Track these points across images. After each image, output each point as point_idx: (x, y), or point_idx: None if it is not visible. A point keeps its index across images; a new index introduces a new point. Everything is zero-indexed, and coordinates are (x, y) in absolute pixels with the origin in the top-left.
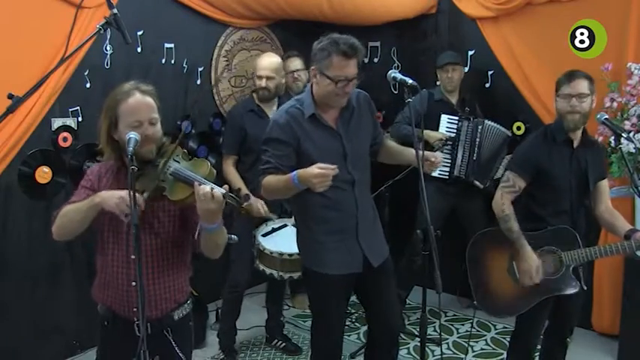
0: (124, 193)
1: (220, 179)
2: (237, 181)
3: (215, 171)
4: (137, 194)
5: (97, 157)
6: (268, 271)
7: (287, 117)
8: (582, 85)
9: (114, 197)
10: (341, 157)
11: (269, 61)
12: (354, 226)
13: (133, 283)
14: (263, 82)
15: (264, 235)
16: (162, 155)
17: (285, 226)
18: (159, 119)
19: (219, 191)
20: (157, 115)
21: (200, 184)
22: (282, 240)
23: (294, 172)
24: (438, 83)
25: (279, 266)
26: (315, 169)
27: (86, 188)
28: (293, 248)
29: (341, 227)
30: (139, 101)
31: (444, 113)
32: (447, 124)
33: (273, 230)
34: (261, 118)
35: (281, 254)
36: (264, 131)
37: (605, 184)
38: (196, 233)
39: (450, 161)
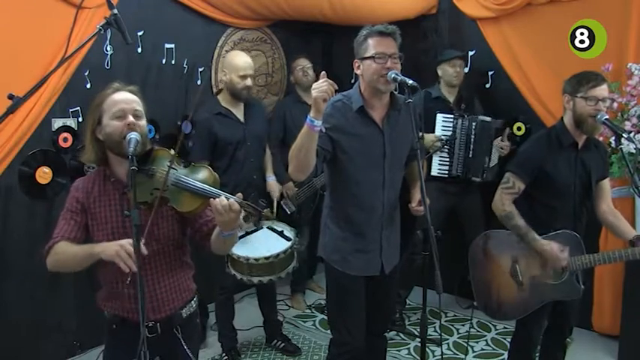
0: (123, 241)
1: None
2: None
3: (217, 176)
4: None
5: (77, 157)
6: (238, 275)
7: (331, 109)
8: (606, 89)
9: (112, 247)
10: (380, 156)
11: (246, 60)
12: (379, 229)
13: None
14: (249, 81)
15: None
16: (154, 162)
17: (260, 228)
18: (144, 115)
19: (235, 201)
20: (142, 110)
21: (215, 198)
22: (252, 244)
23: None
24: (438, 82)
25: (247, 270)
26: (315, 84)
27: (73, 213)
28: (260, 252)
29: (367, 229)
30: (124, 95)
31: (439, 112)
32: (442, 122)
33: (247, 234)
34: (230, 120)
35: (247, 259)
36: (234, 133)
37: (606, 183)
38: (208, 235)
39: (448, 160)
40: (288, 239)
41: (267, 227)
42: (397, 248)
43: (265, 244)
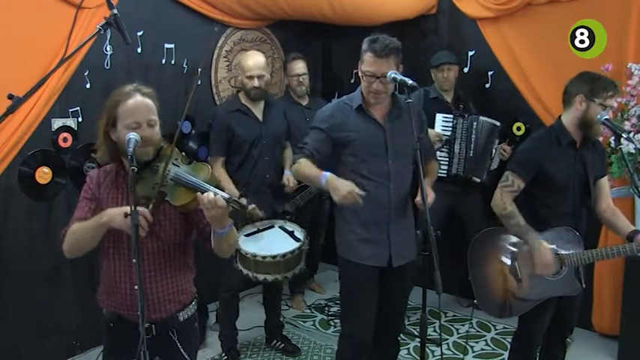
0: (129, 209)
1: None
2: (227, 183)
3: (216, 174)
4: (142, 207)
5: (92, 154)
6: (245, 271)
7: (333, 110)
8: None
9: (120, 215)
10: (382, 148)
11: (256, 60)
12: (386, 220)
13: (136, 287)
14: (256, 82)
15: (247, 235)
16: (161, 159)
17: (271, 227)
18: (157, 121)
19: (222, 197)
20: (156, 117)
21: (203, 192)
22: (261, 242)
23: (326, 174)
24: (432, 82)
25: (253, 267)
26: (347, 184)
27: (87, 200)
28: (267, 251)
29: (374, 220)
30: (138, 102)
31: (438, 112)
32: (442, 122)
33: (258, 231)
34: (249, 118)
35: (254, 256)
36: (251, 131)
37: (605, 181)
38: (211, 237)
39: (447, 159)
40: (297, 240)
41: (279, 227)
42: (411, 243)
43: (274, 242)
